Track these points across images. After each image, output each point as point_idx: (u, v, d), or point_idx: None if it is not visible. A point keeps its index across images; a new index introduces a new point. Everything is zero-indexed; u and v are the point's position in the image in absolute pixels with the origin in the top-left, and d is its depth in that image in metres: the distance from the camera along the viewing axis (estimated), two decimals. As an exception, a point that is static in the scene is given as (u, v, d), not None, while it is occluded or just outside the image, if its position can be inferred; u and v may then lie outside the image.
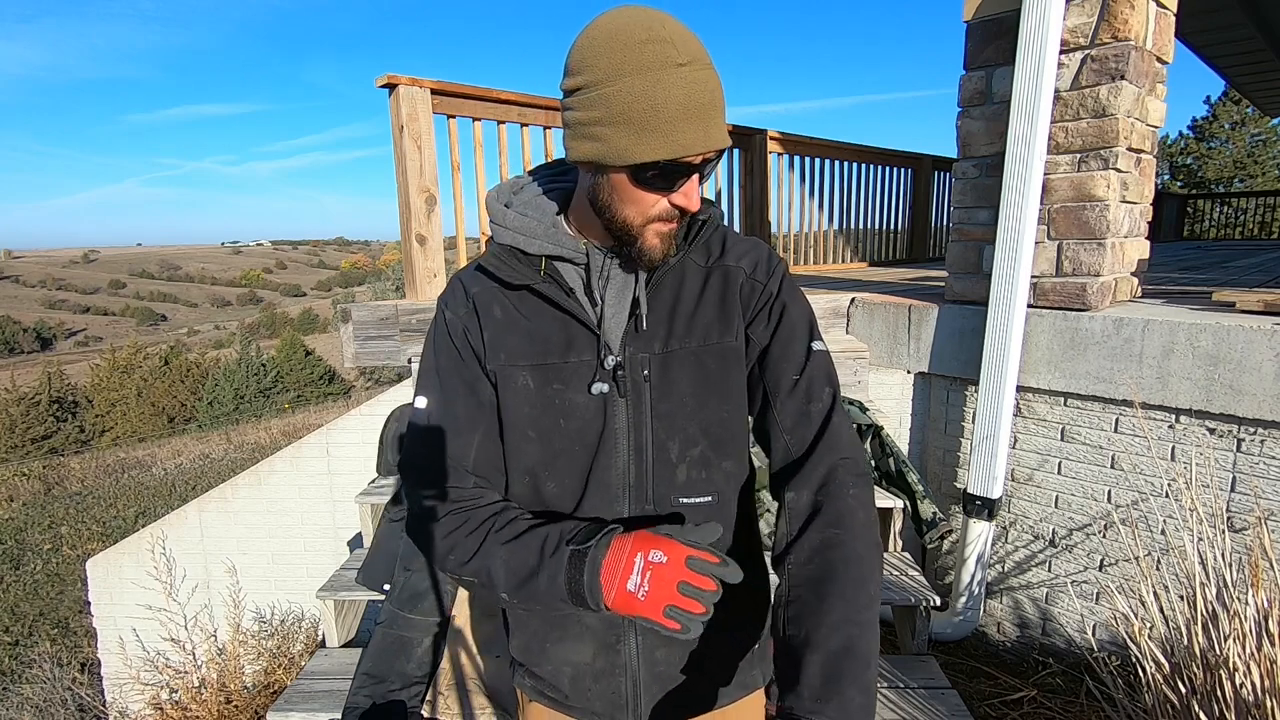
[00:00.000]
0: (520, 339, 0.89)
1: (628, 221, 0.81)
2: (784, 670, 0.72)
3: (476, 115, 3.20)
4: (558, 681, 0.96)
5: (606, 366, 0.87)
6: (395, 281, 22.84)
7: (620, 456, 0.88)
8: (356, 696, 1.93)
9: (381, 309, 3.01)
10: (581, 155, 0.78)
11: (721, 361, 0.89)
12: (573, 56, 0.76)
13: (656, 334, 0.88)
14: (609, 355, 0.87)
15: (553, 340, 0.88)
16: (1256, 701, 1.43)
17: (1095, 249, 2.28)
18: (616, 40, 0.72)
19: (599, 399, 0.88)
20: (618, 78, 0.72)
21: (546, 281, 0.88)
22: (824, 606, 0.73)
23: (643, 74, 0.72)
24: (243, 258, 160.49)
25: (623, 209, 0.80)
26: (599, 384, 0.87)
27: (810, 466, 0.85)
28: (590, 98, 0.74)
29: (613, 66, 0.72)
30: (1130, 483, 2.27)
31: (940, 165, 6.29)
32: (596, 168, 0.79)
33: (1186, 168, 22.22)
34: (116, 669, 3.31)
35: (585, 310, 0.88)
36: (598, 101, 0.74)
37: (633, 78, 0.72)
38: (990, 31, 2.44)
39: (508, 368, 0.89)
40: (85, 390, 28.17)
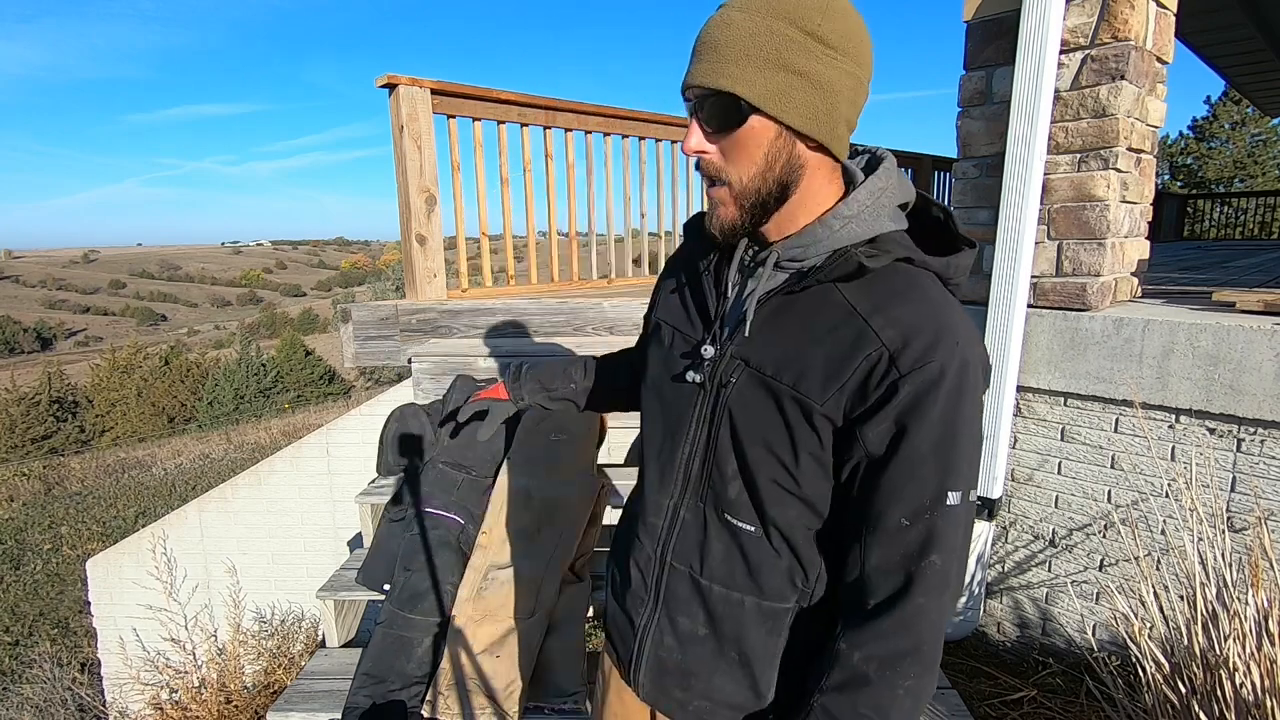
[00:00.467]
0: (673, 301, 0.97)
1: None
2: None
3: (476, 115, 3.20)
4: (608, 605, 1.05)
5: (703, 356, 0.88)
6: (395, 281, 22.84)
7: (689, 446, 0.90)
8: (356, 696, 1.93)
9: (381, 309, 3.01)
10: None
11: (799, 420, 0.78)
12: None
13: (758, 348, 0.82)
14: (707, 345, 0.87)
15: (687, 311, 0.94)
16: (1256, 701, 1.43)
17: (1095, 249, 2.28)
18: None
19: (691, 386, 0.89)
20: None
21: (708, 259, 0.93)
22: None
23: None
24: (243, 258, 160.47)
25: None
26: (691, 372, 0.89)
27: (876, 633, 0.74)
28: None
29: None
30: (1130, 483, 2.27)
31: (940, 165, 6.29)
32: None
33: (1186, 168, 22.23)
34: (116, 669, 3.31)
35: (712, 294, 0.90)
36: None
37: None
38: (990, 31, 2.43)
39: (660, 321, 0.98)
40: (85, 390, 28.17)
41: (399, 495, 2.29)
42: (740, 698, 0.90)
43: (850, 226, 0.78)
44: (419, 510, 2.15)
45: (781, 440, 0.80)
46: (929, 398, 0.71)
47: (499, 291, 3.53)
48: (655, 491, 0.94)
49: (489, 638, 1.89)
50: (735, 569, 0.87)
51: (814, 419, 0.77)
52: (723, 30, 0.73)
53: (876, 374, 0.73)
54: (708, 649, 0.91)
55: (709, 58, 0.73)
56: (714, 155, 0.78)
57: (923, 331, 0.73)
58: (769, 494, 0.82)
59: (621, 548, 1.04)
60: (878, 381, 0.73)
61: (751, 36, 0.71)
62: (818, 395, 0.76)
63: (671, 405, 0.92)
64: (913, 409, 0.72)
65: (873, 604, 0.75)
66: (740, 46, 0.72)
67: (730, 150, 0.76)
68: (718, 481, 0.87)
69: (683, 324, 0.94)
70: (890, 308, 0.74)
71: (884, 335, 0.73)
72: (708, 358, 0.86)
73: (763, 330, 0.82)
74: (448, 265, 3.28)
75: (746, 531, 0.85)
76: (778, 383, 0.79)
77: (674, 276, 1.00)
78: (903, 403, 0.72)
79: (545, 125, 3.47)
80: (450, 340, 2.99)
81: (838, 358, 0.75)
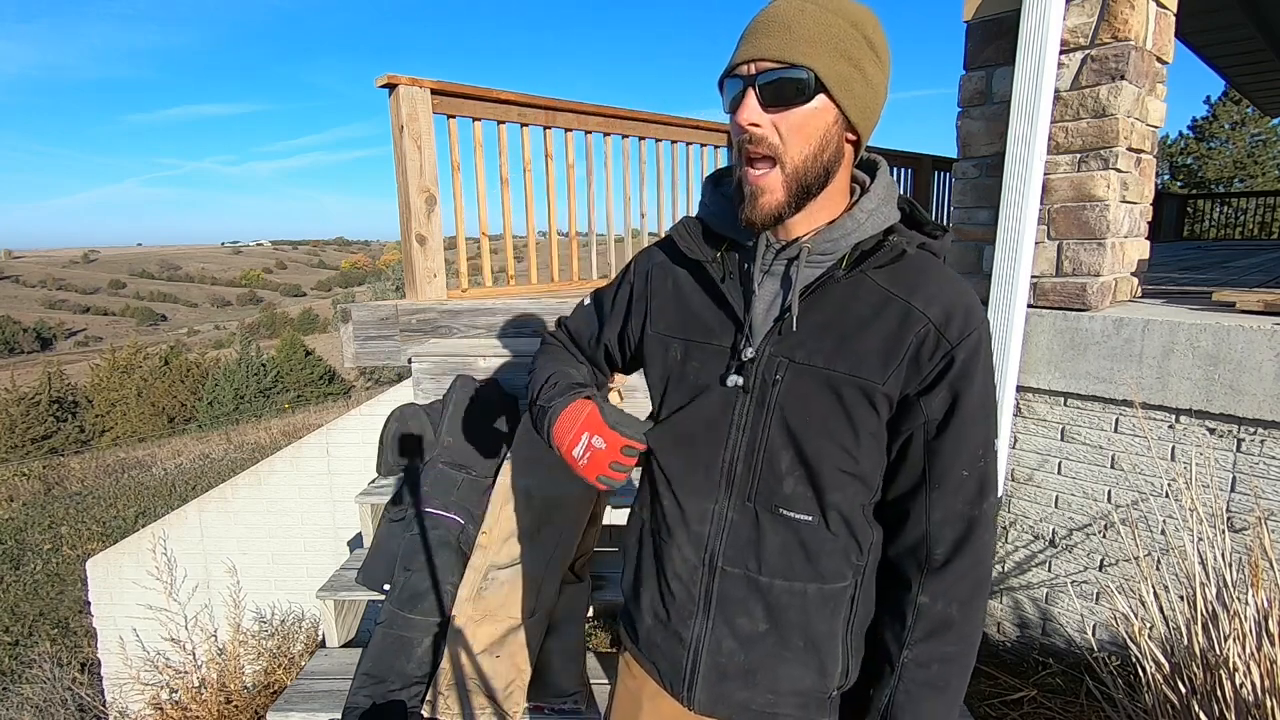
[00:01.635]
0: (679, 313, 0.94)
1: (735, 167, 0.84)
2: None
3: (476, 115, 3.20)
4: (639, 625, 1.02)
5: (743, 358, 0.87)
6: (395, 281, 22.83)
7: (730, 450, 0.89)
8: (356, 696, 1.93)
9: (381, 309, 3.01)
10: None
11: (860, 402, 0.83)
12: None
13: (803, 343, 0.85)
14: (747, 347, 0.87)
15: (704, 319, 0.92)
16: (1256, 701, 1.43)
17: (1095, 249, 2.28)
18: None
19: (730, 390, 0.88)
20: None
21: (715, 263, 0.91)
22: (932, 711, 0.85)
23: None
24: (243, 258, 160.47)
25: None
26: (733, 376, 0.87)
27: (955, 576, 0.84)
28: None
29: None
30: (1130, 483, 2.27)
31: (940, 165, 6.29)
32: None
33: (1186, 168, 22.22)
34: (116, 669, 3.31)
35: (737, 297, 0.89)
36: None
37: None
38: (990, 31, 2.43)
39: (664, 336, 0.95)
40: (85, 390, 28.17)
41: (399, 495, 2.29)
42: (807, 683, 0.92)
43: (873, 218, 0.85)
44: (419, 510, 2.16)
45: (842, 426, 0.83)
46: (975, 363, 0.81)
47: (499, 291, 3.53)
48: (695, 498, 0.92)
49: (489, 638, 1.89)
50: (794, 560, 0.89)
51: (875, 399, 0.82)
52: (797, 14, 0.76)
53: (928, 348, 0.81)
54: (770, 643, 0.91)
55: (780, 35, 0.76)
56: (768, 131, 0.78)
57: (958, 306, 0.82)
58: (831, 480, 0.86)
59: (649, 564, 1.00)
60: (930, 354, 0.81)
61: (825, 26, 0.76)
62: (878, 376, 0.82)
63: (702, 412, 0.91)
64: (963, 375, 0.81)
65: (941, 552, 0.84)
66: (815, 31, 0.76)
67: (788, 127, 0.77)
68: (769, 478, 0.87)
69: (699, 333, 0.92)
70: (924, 288, 0.82)
71: (929, 313, 0.81)
72: (748, 359, 0.86)
73: (803, 324, 0.85)
74: (448, 265, 3.28)
75: (803, 522, 0.87)
76: (833, 372, 0.83)
77: (658, 291, 0.98)
78: (957, 370, 0.81)
79: (545, 125, 3.47)
80: (450, 340, 2.99)
81: (890, 338, 0.81)
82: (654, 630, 0.99)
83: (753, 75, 0.77)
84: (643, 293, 1.00)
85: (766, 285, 0.88)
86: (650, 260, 1.01)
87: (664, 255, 1.00)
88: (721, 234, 0.91)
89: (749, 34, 0.78)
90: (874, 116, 0.82)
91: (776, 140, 0.78)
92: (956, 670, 0.86)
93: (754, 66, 0.77)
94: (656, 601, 0.98)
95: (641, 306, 1.00)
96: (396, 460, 2.41)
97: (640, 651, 1.03)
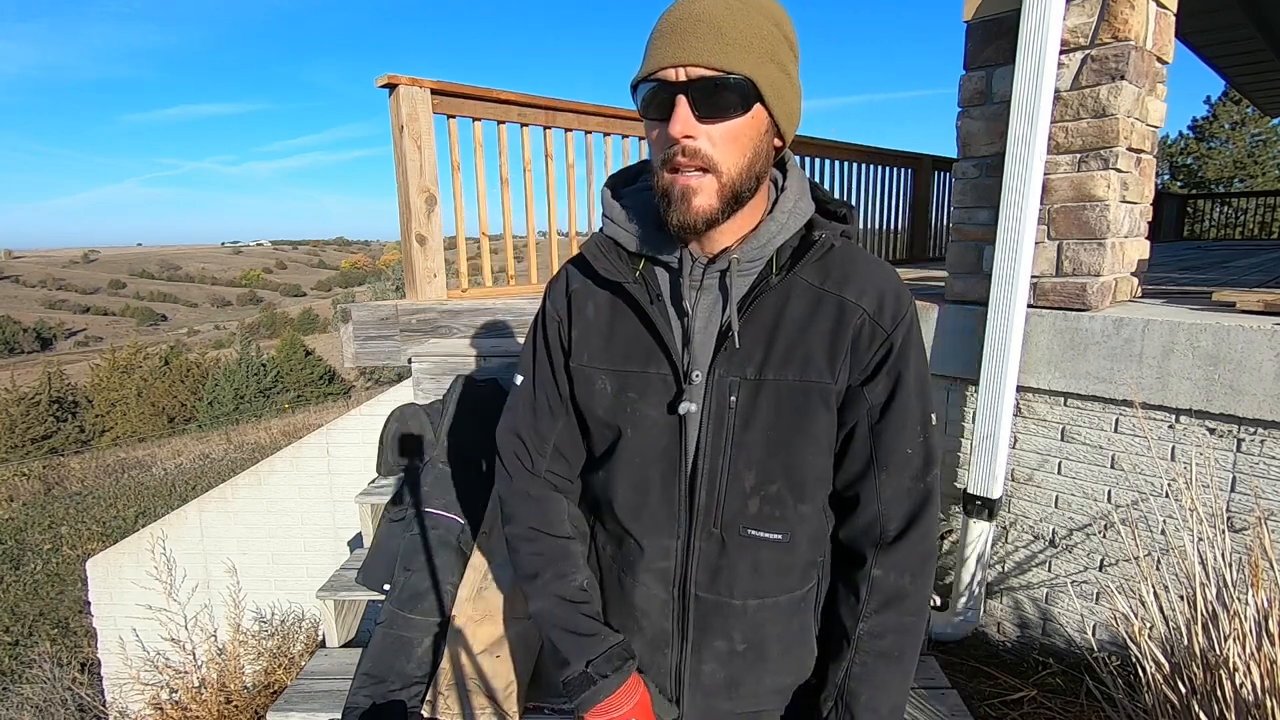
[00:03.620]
0: (603, 342, 0.87)
1: (655, 173, 0.77)
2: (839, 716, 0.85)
3: (476, 115, 3.20)
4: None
5: (693, 382, 0.82)
6: (395, 281, 22.84)
7: (688, 479, 0.85)
8: (356, 696, 1.93)
9: (381, 309, 3.01)
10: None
11: (817, 403, 0.82)
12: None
13: (751, 358, 0.82)
14: (694, 370, 0.82)
15: (635, 347, 0.85)
16: (1256, 701, 1.43)
17: (1095, 249, 2.28)
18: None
19: (675, 418, 0.83)
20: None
21: (638, 284, 0.84)
22: (888, 681, 0.85)
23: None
24: (243, 258, 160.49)
25: (652, 160, 0.78)
26: (685, 403, 0.82)
27: (907, 549, 0.85)
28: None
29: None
30: (1130, 483, 2.27)
31: (940, 165, 6.29)
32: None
33: (1186, 168, 22.22)
34: (116, 669, 3.31)
35: (669, 320, 0.83)
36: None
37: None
38: (990, 31, 2.43)
39: (589, 369, 0.87)
40: (85, 390, 28.18)
41: (399, 495, 2.29)
42: (787, 680, 0.94)
43: (793, 216, 0.82)
44: (419, 510, 2.16)
45: (805, 435, 0.82)
46: (909, 345, 0.83)
47: (499, 291, 3.53)
48: (655, 536, 0.88)
49: (489, 638, 1.89)
50: (766, 578, 0.88)
51: (829, 399, 0.82)
52: (725, 14, 0.69)
53: (865, 337, 0.81)
54: (750, 658, 0.91)
55: (712, 38, 0.69)
56: (704, 143, 0.72)
57: (888, 292, 0.83)
58: (799, 491, 0.85)
59: (617, 599, 0.95)
60: (868, 343, 0.81)
61: (755, 28, 0.71)
62: (828, 374, 0.81)
63: (650, 444, 0.86)
64: (901, 358, 0.82)
65: (894, 528, 0.85)
66: (748, 33, 0.70)
67: (724, 138, 0.73)
68: (734, 501, 0.85)
69: (633, 362, 0.85)
70: (853, 279, 0.82)
71: (863, 304, 0.81)
72: (698, 383, 0.82)
73: (745, 337, 0.81)
74: (448, 265, 3.28)
75: (772, 540, 0.86)
76: (788, 381, 0.81)
77: (578, 319, 0.89)
78: (895, 356, 0.82)
79: (545, 125, 3.47)
80: (450, 340, 2.99)
81: (831, 335, 0.81)
82: (636, 649, 0.98)
83: (684, 82, 0.71)
84: (563, 322, 0.90)
85: (701, 302, 0.83)
86: (564, 286, 0.92)
87: (580, 279, 0.90)
88: (637, 252, 0.84)
89: (670, 33, 0.71)
90: (799, 119, 0.79)
91: (712, 152, 0.73)
92: (910, 641, 0.87)
93: (684, 72, 0.70)
94: (631, 630, 0.95)
95: (567, 347, 0.91)
96: (396, 460, 2.41)
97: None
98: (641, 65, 0.74)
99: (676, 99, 0.71)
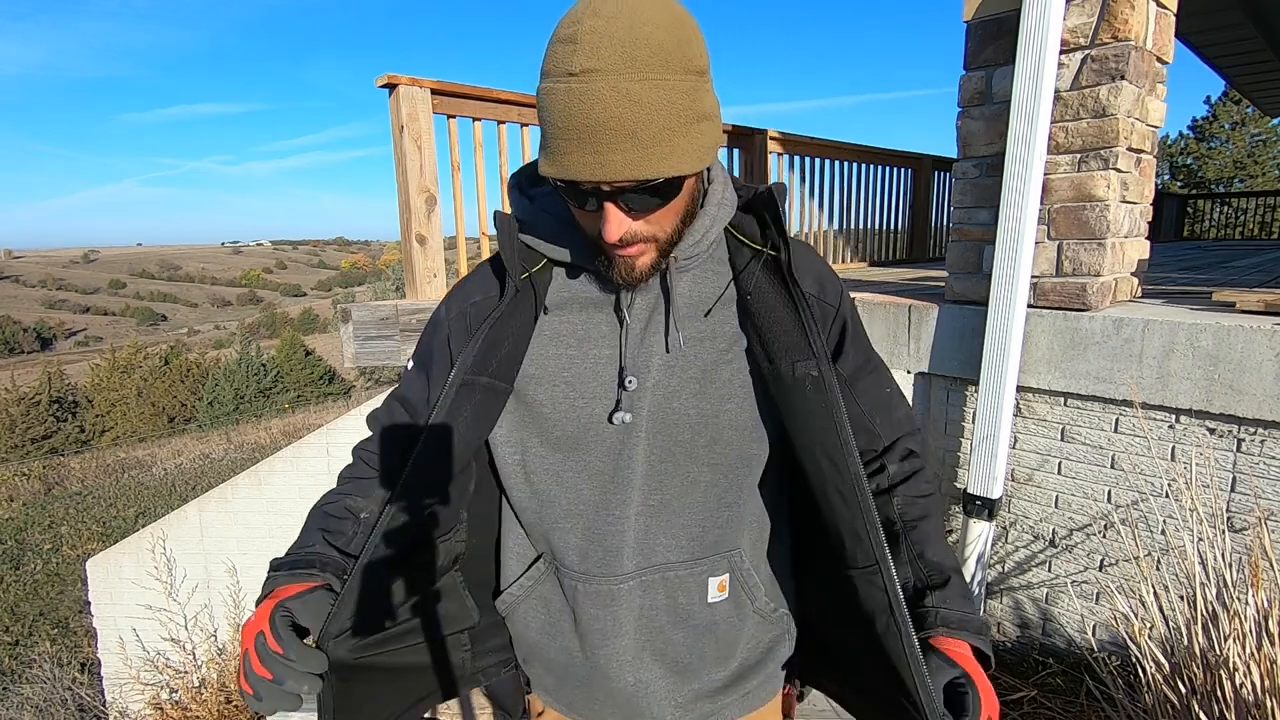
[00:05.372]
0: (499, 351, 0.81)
1: (589, 234, 0.74)
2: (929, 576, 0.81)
3: (476, 115, 3.20)
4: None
5: (628, 387, 0.79)
6: (395, 281, 22.83)
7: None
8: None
9: (381, 309, 3.01)
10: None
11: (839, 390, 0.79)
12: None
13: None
14: (630, 378, 0.79)
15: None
16: (1256, 701, 1.43)
17: (1095, 249, 2.28)
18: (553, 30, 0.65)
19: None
20: (540, 76, 0.66)
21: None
22: (939, 538, 0.85)
23: (544, 79, 0.64)
24: (243, 258, 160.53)
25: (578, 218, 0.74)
26: (621, 413, 0.79)
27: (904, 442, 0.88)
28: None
29: (542, 61, 0.66)
30: (1130, 483, 2.27)
31: (940, 165, 6.29)
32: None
33: (1186, 168, 22.23)
34: (116, 669, 3.31)
35: (605, 325, 0.81)
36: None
37: (542, 80, 0.65)
38: (990, 31, 2.44)
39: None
40: (85, 390, 28.19)
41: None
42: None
43: (723, 208, 0.82)
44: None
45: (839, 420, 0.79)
46: (855, 315, 0.88)
47: (499, 291, 3.52)
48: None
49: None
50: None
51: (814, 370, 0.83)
52: (632, 110, 0.61)
53: (824, 316, 0.84)
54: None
55: (629, 149, 0.63)
56: (640, 228, 0.70)
57: (823, 272, 0.86)
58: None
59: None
60: (821, 323, 0.83)
61: (667, 105, 0.63)
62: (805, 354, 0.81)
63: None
64: (855, 328, 0.87)
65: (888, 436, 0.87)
66: (660, 122, 0.63)
67: (659, 218, 0.71)
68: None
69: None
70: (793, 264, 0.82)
71: (804, 286, 0.82)
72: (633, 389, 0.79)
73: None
74: (448, 265, 3.28)
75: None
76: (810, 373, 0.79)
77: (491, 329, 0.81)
78: (850, 328, 0.86)
79: (545, 125, 3.47)
80: (450, 340, 2.98)
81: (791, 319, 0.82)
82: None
83: (609, 191, 0.66)
84: (464, 335, 0.83)
85: (638, 304, 0.80)
86: (467, 295, 0.85)
87: (486, 287, 0.84)
88: (559, 259, 0.81)
89: (580, 143, 0.63)
90: (721, 128, 0.75)
91: (650, 230, 0.71)
92: (936, 503, 0.88)
93: (610, 185, 0.66)
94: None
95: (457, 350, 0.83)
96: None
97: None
98: (546, 153, 0.67)
99: (604, 205, 0.68)
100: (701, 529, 0.84)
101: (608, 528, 0.81)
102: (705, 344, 0.81)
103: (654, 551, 0.83)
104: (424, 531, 0.83)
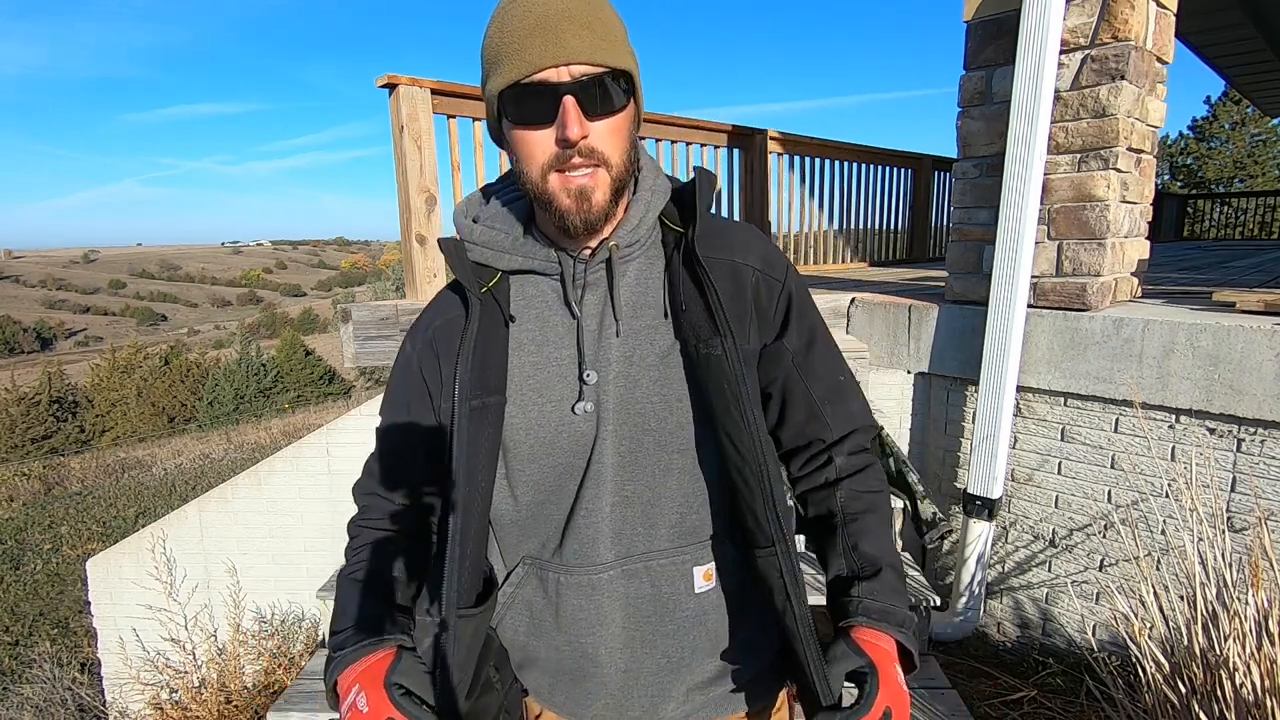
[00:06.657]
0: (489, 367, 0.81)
1: (534, 181, 0.74)
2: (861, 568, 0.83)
3: (477, 115, 3.20)
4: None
5: (588, 382, 0.80)
6: (395, 281, 22.83)
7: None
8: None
9: (381, 309, 3.01)
10: (490, 125, 0.79)
11: (740, 369, 0.79)
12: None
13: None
14: (589, 372, 0.80)
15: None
16: (1256, 701, 1.43)
17: (1095, 249, 2.28)
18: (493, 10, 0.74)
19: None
20: (487, 33, 0.73)
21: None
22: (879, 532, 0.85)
23: (498, 13, 0.72)
24: (243, 258, 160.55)
25: (526, 167, 0.74)
26: (582, 403, 0.80)
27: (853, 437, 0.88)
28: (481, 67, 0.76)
29: (487, 26, 0.74)
30: (1130, 483, 2.27)
31: (940, 165, 6.29)
32: (498, 133, 0.79)
33: (1186, 168, 22.23)
34: (116, 669, 3.31)
35: (561, 326, 0.81)
36: (481, 63, 0.75)
37: (492, 22, 0.72)
38: (990, 31, 2.44)
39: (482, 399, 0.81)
40: (85, 390, 28.18)
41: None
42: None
43: (656, 193, 0.83)
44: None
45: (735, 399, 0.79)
46: (803, 290, 0.87)
47: (499, 291, 3.52)
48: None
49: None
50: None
51: (751, 357, 0.83)
52: (586, 9, 0.69)
53: (764, 293, 0.84)
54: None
55: (584, 34, 0.68)
56: (594, 141, 0.72)
57: (767, 248, 0.87)
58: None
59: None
60: (769, 297, 0.84)
61: (612, 18, 0.72)
62: (746, 336, 0.82)
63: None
64: (802, 303, 0.86)
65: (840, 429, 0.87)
66: (610, 25, 0.71)
67: (609, 133, 0.73)
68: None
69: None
70: (732, 241, 0.84)
71: (749, 261, 0.83)
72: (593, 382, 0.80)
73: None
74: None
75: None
76: (710, 350, 0.79)
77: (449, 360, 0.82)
78: (796, 302, 0.86)
79: (545, 125, 3.46)
80: (450, 340, 2.98)
81: (734, 299, 0.81)
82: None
83: (568, 82, 0.69)
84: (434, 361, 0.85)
85: (589, 300, 0.81)
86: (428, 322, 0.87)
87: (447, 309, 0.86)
88: (509, 269, 0.83)
89: (538, 32, 0.68)
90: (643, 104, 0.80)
91: (603, 147, 0.72)
92: (883, 500, 0.88)
93: (566, 72, 0.69)
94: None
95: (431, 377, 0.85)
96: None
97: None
98: (503, 70, 0.71)
99: (563, 100, 0.69)
100: (679, 516, 0.84)
101: (583, 519, 0.82)
102: (659, 331, 0.82)
103: (633, 541, 0.83)
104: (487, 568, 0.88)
